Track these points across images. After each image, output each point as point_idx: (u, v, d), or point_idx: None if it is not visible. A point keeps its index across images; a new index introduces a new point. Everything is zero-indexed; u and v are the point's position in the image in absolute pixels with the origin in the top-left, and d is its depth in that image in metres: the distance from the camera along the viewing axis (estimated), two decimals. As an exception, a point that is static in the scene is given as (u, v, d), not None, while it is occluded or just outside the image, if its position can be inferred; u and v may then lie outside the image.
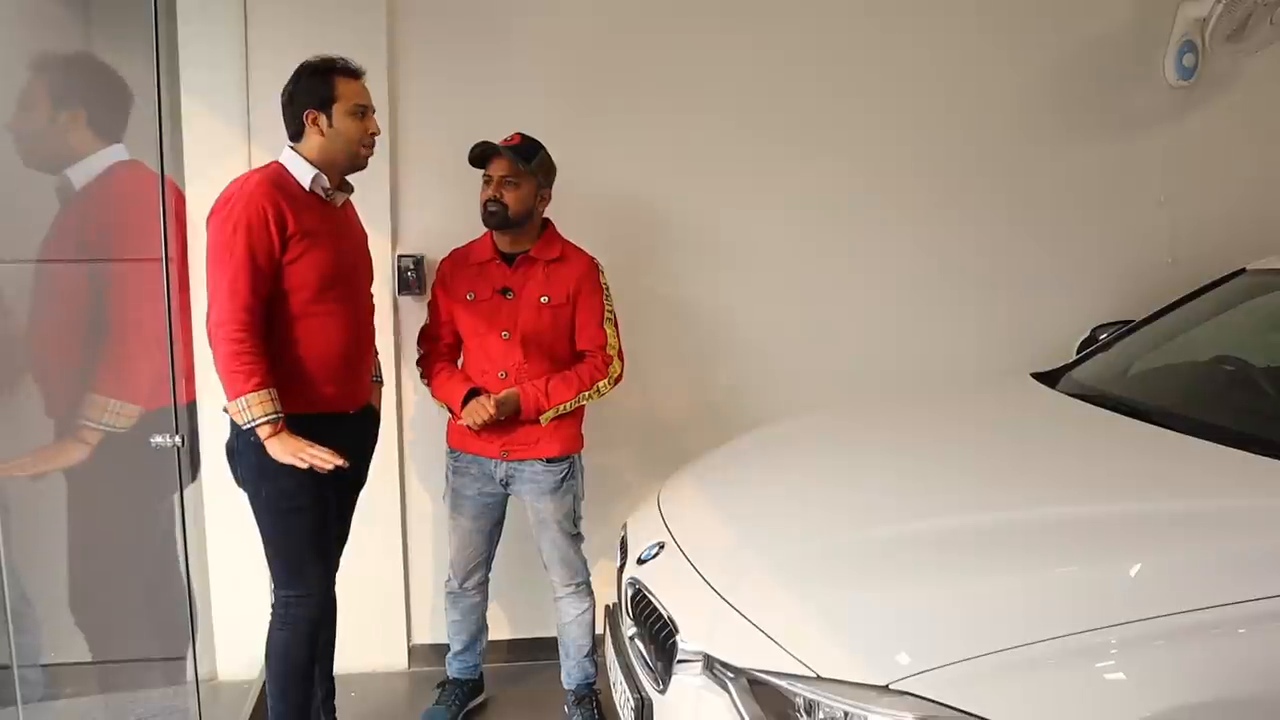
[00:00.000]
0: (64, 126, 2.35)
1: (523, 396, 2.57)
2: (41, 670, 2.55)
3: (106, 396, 2.28)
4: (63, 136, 2.36)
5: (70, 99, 2.36)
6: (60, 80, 2.40)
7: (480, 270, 2.65)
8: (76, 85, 2.43)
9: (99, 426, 2.27)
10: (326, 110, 2.27)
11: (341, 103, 2.27)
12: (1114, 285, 3.38)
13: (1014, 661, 1.52)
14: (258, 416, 2.15)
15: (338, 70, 2.29)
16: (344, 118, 2.28)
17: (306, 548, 2.33)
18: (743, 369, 3.25)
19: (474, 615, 2.84)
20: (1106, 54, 3.32)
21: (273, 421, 2.16)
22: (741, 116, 3.12)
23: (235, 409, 2.16)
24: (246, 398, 2.14)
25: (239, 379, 2.14)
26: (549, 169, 2.63)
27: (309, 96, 2.27)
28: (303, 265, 2.23)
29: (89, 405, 2.28)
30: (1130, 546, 1.73)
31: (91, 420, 2.27)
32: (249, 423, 2.16)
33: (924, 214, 3.27)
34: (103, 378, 2.32)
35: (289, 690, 2.37)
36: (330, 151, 2.29)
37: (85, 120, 2.37)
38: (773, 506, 2.17)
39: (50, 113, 2.35)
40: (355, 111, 2.29)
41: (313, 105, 2.27)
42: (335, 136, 2.28)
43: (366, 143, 2.33)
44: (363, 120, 2.31)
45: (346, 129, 2.28)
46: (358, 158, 2.33)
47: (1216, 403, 2.55)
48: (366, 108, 2.32)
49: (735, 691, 1.69)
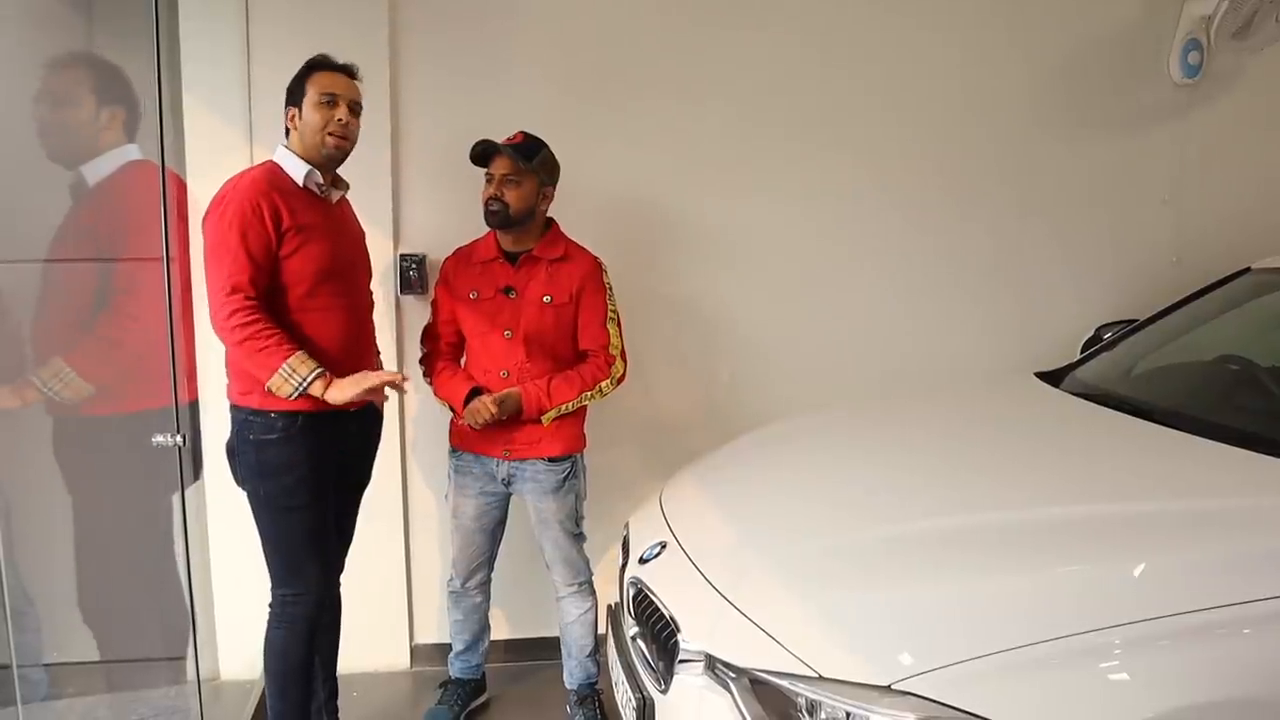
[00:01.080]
0: (104, 124, 2.41)
1: (524, 396, 2.57)
2: (44, 669, 2.56)
3: (65, 363, 2.32)
4: (100, 134, 2.41)
5: (113, 98, 2.41)
6: (107, 78, 2.45)
7: (484, 269, 2.64)
8: (117, 86, 2.46)
9: (41, 387, 2.31)
10: (299, 104, 2.29)
11: (310, 95, 2.27)
12: (1118, 284, 3.37)
13: (1017, 662, 1.51)
14: (306, 375, 2.16)
15: (314, 65, 2.30)
16: (311, 108, 2.27)
17: (304, 546, 2.33)
18: (745, 368, 3.24)
19: (476, 615, 2.84)
20: (1111, 52, 3.30)
21: (321, 375, 2.17)
22: (744, 114, 3.12)
23: (279, 380, 2.15)
24: (287, 364, 2.14)
25: (270, 352, 2.14)
26: (551, 167, 2.62)
27: (289, 96, 2.31)
28: (298, 260, 2.23)
29: (46, 365, 2.32)
30: (1134, 546, 1.72)
31: (39, 378, 2.31)
32: (300, 385, 2.15)
33: (928, 212, 3.26)
34: (76, 350, 2.35)
35: (288, 689, 2.37)
36: (306, 146, 2.29)
37: (124, 120, 2.43)
38: (775, 506, 2.16)
39: (94, 109, 2.40)
40: (322, 100, 2.27)
41: (291, 103, 2.30)
42: (304, 128, 2.28)
43: (333, 129, 2.27)
44: (329, 109, 2.28)
45: (311, 119, 2.27)
46: (322, 146, 2.28)
47: (1221, 402, 2.54)
48: (336, 97, 2.28)
49: (737, 691, 1.68)
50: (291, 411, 2.24)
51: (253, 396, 2.24)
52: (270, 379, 2.16)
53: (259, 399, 2.24)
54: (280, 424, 2.25)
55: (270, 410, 2.24)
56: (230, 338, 2.16)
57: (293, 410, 2.24)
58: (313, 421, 2.26)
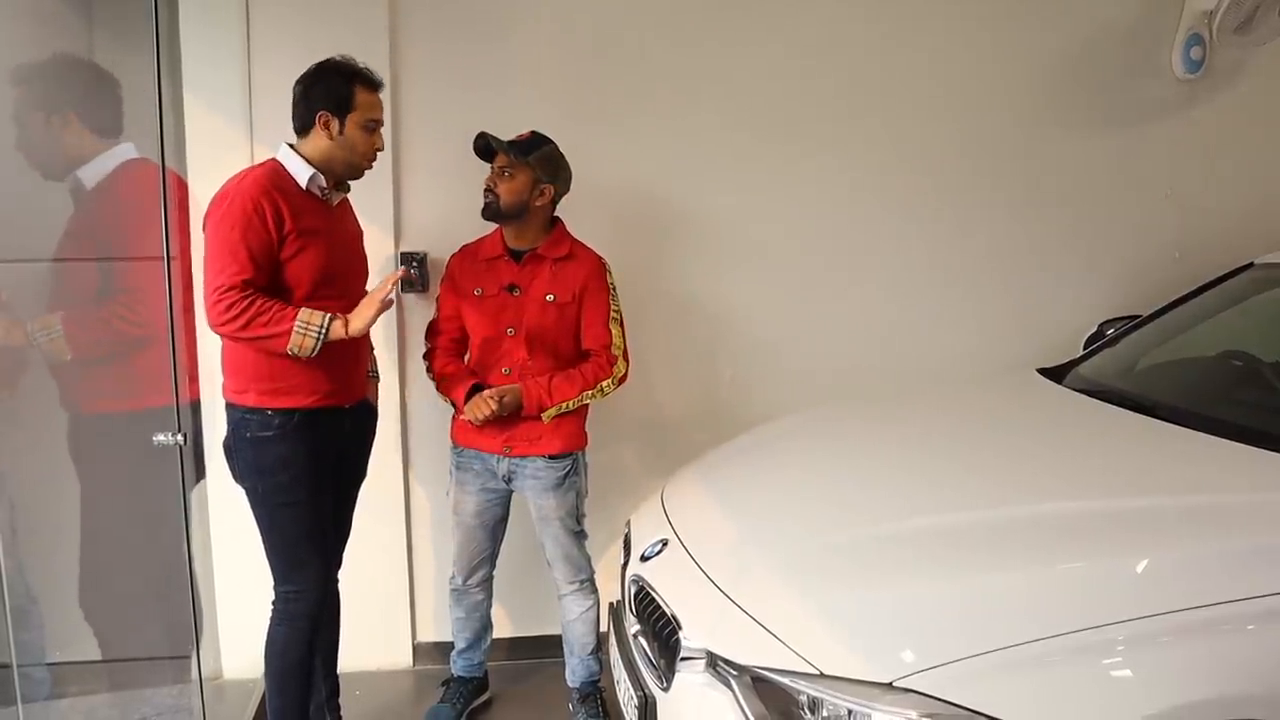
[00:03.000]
0: (57, 130, 2.40)
1: (525, 393, 2.57)
2: (47, 668, 2.56)
3: (58, 321, 2.36)
4: (58, 140, 2.40)
5: (57, 102, 2.39)
6: (42, 86, 2.43)
7: (488, 266, 2.64)
8: (59, 88, 2.45)
9: (30, 333, 2.37)
10: (341, 116, 2.25)
11: (358, 114, 2.26)
12: (1121, 280, 3.36)
13: (1019, 659, 1.51)
14: (320, 324, 2.15)
15: (361, 79, 2.28)
16: (356, 129, 2.27)
17: (303, 543, 2.33)
18: (747, 365, 3.24)
19: (478, 613, 2.84)
20: (1113, 47, 3.30)
21: (334, 317, 2.18)
22: (744, 115, 3.11)
23: (298, 337, 2.13)
24: (298, 320, 2.14)
25: (276, 320, 2.14)
26: (553, 166, 2.60)
27: (326, 98, 2.25)
28: (299, 263, 2.23)
29: (43, 318, 2.38)
30: (1137, 542, 1.72)
31: (31, 325, 2.37)
32: (320, 333, 2.15)
33: (929, 209, 3.25)
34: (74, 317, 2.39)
35: (287, 686, 2.38)
36: (333, 158, 2.28)
37: (77, 120, 2.41)
38: (777, 503, 2.16)
39: (44, 120, 2.39)
40: (367, 125, 2.28)
41: (328, 108, 2.25)
42: (343, 144, 2.27)
43: (371, 157, 2.32)
44: (371, 135, 2.30)
45: (356, 141, 2.27)
46: (359, 170, 2.33)
47: (1224, 398, 2.54)
48: (378, 123, 2.31)
49: (738, 689, 1.68)
50: (287, 409, 2.24)
51: (248, 394, 2.24)
52: (289, 341, 2.14)
53: (255, 396, 2.24)
54: (276, 421, 2.25)
55: (266, 408, 2.24)
56: (229, 328, 2.14)
57: (288, 407, 2.24)
58: (308, 418, 2.26)
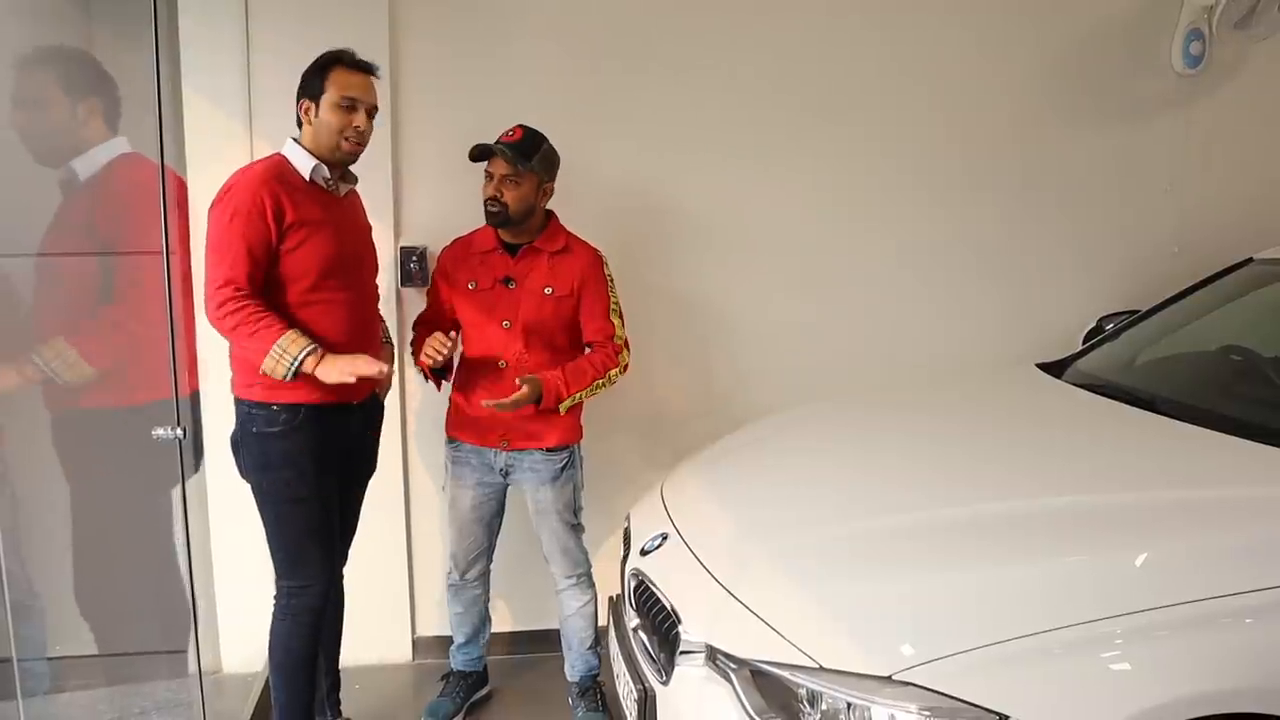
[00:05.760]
0: (83, 119, 2.38)
1: (545, 384, 2.54)
2: (47, 662, 2.56)
3: (67, 344, 2.30)
4: (81, 129, 2.39)
5: (86, 91, 2.38)
6: (74, 72, 2.42)
7: (482, 259, 2.64)
8: (89, 77, 2.44)
9: (41, 365, 2.29)
10: (316, 100, 2.27)
11: (329, 94, 2.26)
12: (1120, 274, 3.36)
13: (1019, 652, 1.51)
14: (297, 353, 2.15)
15: (339, 63, 2.27)
16: (329, 109, 2.26)
17: (307, 539, 2.33)
18: (746, 359, 3.24)
19: (476, 608, 2.84)
20: (1113, 42, 3.29)
21: (313, 352, 2.16)
22: (745, 108, 3.10)
23: (273, 360, 2.14)
24: (278, 343, 2.14)
25: (262, 334, 2.14)
26: (551, 163, 2.60)
27: (305, 87, 2.28)
28: (302, 254, 2.23)
29: (48, 344, 2.30)
30: (1136, 537, 1.72)
31: (40, 356, 2.29)
32: (293, 363, 2.14)
33: (928, 204, 3.25)
34: (79, 333, 2.34)
35: (290, 681, 2.38)
36: (318, 143, 2.28)
37: (102, 111, 2.40)
38: (776, 497, 2.16)
39: (70, 106, 2.37)
40: (341, 103, 2.26)
41: (306, 95, 2.28)
42: (319, 126, 2.27)
43: (349, 135, 2.28)
44: (348, 113, 2.27)
45: (329, 119, 2.26)
46: (336, 150, 2.28)
47: (1224, 393, 2.54)
48: (356, 101, 2.27)
49: (738, 682, 1.68)
50: (294, 404, 2.24)
51: (255, 389, 2.24)
52: (263, 362, 2.15)
53: (261, 392, 2.24)
54: (283, 417, 2.25)
55: (273, 403, 2.24)
56: (222, 326, 2.16)
57: (295, 403, 2.24)
58: (315, 414, 2.26)
